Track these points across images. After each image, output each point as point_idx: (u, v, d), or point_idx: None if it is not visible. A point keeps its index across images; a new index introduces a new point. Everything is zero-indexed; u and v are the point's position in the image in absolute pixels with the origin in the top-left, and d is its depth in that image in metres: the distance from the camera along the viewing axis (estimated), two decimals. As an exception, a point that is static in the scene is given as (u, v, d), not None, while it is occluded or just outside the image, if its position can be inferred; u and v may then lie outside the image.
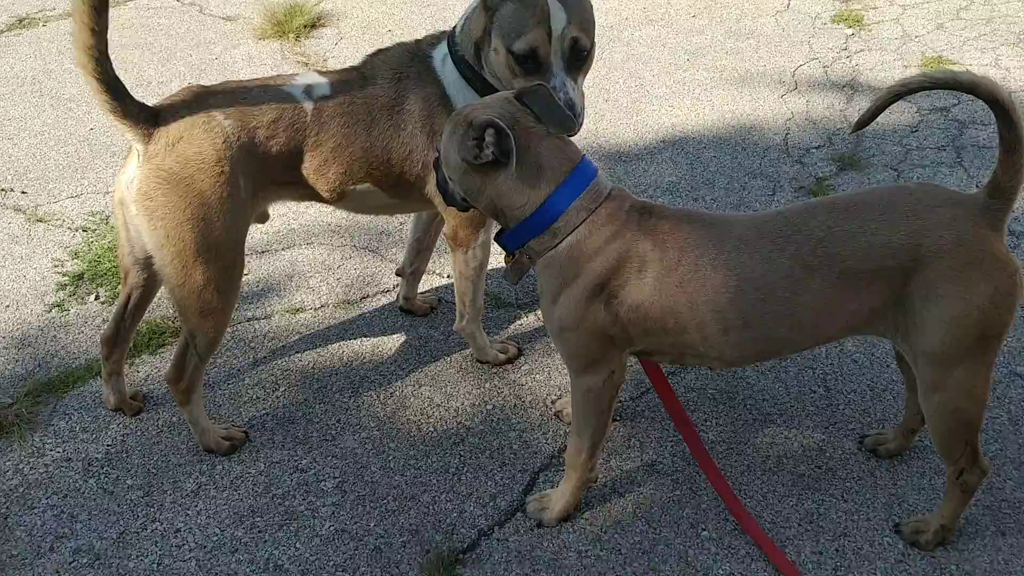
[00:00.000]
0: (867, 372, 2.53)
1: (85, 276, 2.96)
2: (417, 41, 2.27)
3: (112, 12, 1.89)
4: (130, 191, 2.06)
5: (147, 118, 2.04)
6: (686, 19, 4.64)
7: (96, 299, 2.86)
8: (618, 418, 2.41)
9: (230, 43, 4.55)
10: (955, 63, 4.08)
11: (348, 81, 2.22)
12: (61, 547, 2.11)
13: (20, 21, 4.91)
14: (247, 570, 2.04)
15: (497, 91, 2.12)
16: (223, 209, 2.06)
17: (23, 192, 3.40)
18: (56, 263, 3.03)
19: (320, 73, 2.25)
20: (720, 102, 3.88)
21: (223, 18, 4.91)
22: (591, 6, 2.12)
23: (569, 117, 1.84)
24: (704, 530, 2.10)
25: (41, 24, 4.86)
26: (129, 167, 2.08)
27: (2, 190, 3.40)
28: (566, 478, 2.12)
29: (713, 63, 4.21)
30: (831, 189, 3.28)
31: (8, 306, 2.85)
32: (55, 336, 2.73)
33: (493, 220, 2.05)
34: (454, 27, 2.23)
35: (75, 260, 3.04)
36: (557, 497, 2.13)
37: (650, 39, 4.42)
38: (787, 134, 3.62)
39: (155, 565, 2.06)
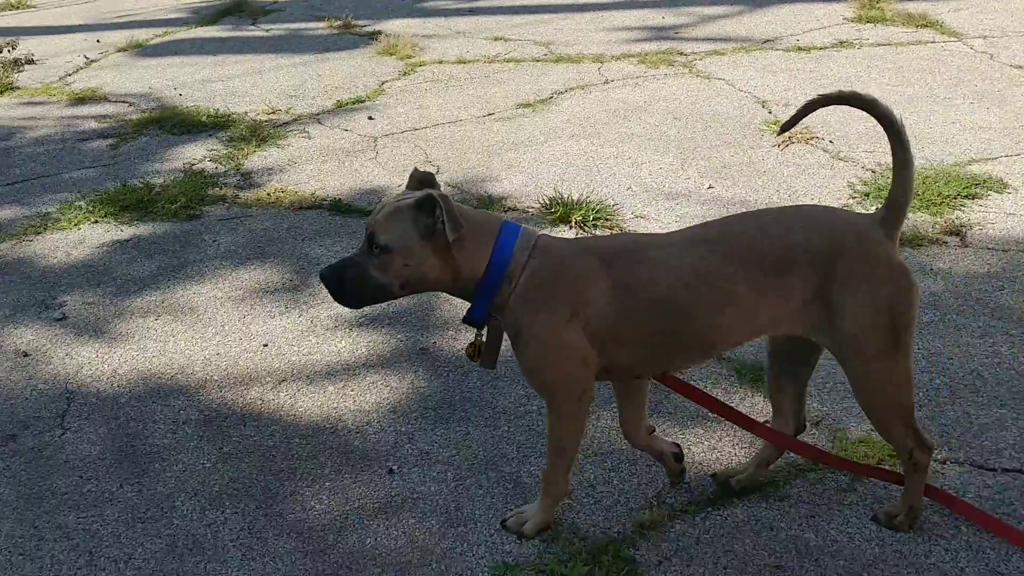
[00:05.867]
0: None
1: (868, 195, 4.03)
2: None
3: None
4: None
5: None
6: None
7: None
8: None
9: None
10: None
11: None
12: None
13: (842, 43, 6.26)
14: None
15: None
16: None
17: (830, 142, 4.61)
18: (849, 185, 4.16)
19: None
20: None
21: (1013, 66, 5.66)
22: None
23: (460, 224, 2.03)
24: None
25: (856, 47, 6.15)
26: None
27: (816, 137, 4.63)
28: (543, 495, 2.33)
29: None
30: None
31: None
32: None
33: (453, 294, 2.23)
34: None
35: (862, 185, 4.13)
36: (534, 512, 2.35)
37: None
38: None
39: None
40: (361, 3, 8.27)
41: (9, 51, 6.92)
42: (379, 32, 7.27)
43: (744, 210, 2.37)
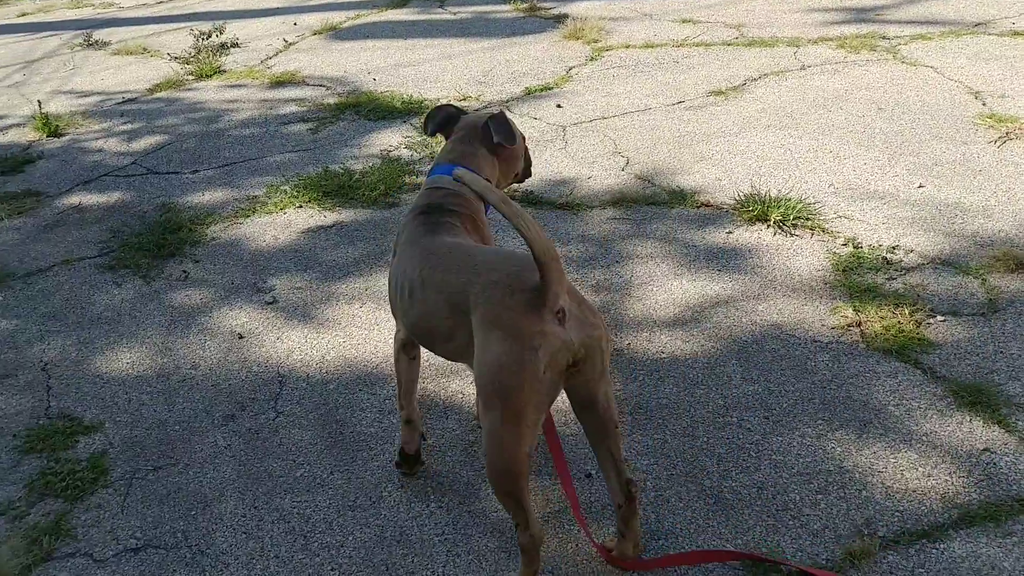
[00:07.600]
0: None
1: (1100, 201, 3.72)
2: None
3: None
4: None
5: None
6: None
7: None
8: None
9: None
10: None
11: None
12: None
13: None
14: None
15: None
16: None
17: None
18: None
19: None
20: None
21: None
22: None
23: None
24: None
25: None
26: None
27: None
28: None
29: None
30: None
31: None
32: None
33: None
34: None
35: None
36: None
37: None
38: None
39: None
40: (546, -17, 8.28)
41: (217, 35, 7.31)
42: (565, 15, 7.26)
43: (960, 215, 2.24)
